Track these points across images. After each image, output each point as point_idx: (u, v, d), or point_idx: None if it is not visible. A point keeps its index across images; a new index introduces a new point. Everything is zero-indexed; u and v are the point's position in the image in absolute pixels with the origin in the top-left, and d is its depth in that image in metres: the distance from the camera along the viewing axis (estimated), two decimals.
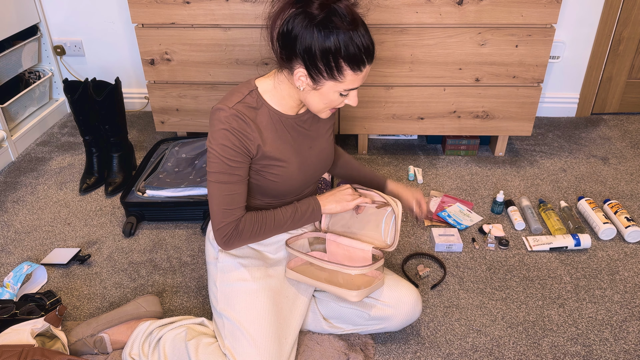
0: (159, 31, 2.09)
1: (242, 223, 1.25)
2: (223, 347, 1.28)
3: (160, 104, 2.26)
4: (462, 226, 1.88)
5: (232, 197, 1.23)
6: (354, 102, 1.22)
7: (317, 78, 1.15)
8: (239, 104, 1.21)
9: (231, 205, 1.23)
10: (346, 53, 1.11)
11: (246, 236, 1.27)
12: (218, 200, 1.23)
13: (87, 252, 1.81)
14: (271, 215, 1.29)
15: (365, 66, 1.15)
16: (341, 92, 1.18)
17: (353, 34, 1.10)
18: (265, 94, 1.25)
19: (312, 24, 1.10)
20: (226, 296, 1.32)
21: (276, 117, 1.26)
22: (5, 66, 2.36)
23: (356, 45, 1.11)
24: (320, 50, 1.11)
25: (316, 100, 1.21)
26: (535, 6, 1.96)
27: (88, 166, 2.15)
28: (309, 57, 1.12)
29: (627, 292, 1.61)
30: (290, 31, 1.13)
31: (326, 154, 1.39)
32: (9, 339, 1.30)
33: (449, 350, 1.43)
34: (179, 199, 1.90)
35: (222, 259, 1.35)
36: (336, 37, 1.10)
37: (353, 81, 1.16)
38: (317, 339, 1.44)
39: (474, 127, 2.24)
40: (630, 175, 2.18)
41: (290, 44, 1.14)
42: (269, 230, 1.29)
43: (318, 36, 1.10)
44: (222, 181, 1.22)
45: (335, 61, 1.12)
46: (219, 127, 1.19)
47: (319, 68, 1.13)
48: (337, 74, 1.14)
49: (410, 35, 2.03)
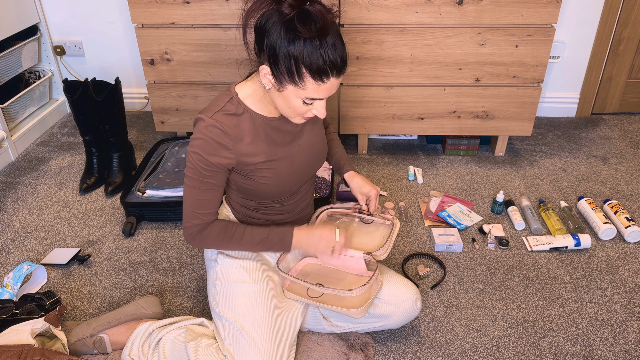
0: (159, 31, 2.09)
1: (207, 229, 1.26)
2: (223, 348, 1.28)
3: (160, 104, 2.26)
4: (462, 226, 1.88)
5: (202, 202, 1.24)
6: (321, 113, 1.18)
7: (279, 79, 1.12)
8: (218, 112, 1.19)
9: (200, 209, 1.24)
10: (309, 61, 1.06)
11: (209, 242, 1.28)
12: (188, 202, 1.24)
13: (87, 252, 1.81)
14: (240, 232, 1.28)
15: (329, 78, 1.09)
16: (304, 99, 1.13)
17: (321, 42, 1.05)
18: (246, 99, 1.23)
19: (279, 23, 1.06)
20: (225, 298, 1.32)
21: (259, 120, 1.24)
22: (5, 66, 2.36)
23: (320, 56, 1.06)
24: (283, 53, 1.07)
25: (281, 103, 1.17)
26: (535, 6, 1.96)
27: (88, 166, 2.15)
28: (273, 56, 1.09)
29: (627, 292, 1.61)
30: (263, 26, 1.10)
31: (317, 149, 1.36)
32: (9, 339, 1.30)
33: (449, 350, 1.43)
34: (179, 199, 1.90)
35: (222, 260, 1.35)
36: (301, 42, 1.05)
37: (315, 91, 1.11)
38: (317, 339, 1.44)
39: (474, 127, 2.23)
40: (630, 175, 2.18)
41: (260, 39, 1.12)
42: (235, 245, 1.29)
43: (284, 37, 1.06)
44: (194, 186, 1.22)
45: (297, 67, 1.07)
46: (197, 136, 1.20)
47: (281, 69, 1.09)
48: (297, 79, 1.09)
49: (410, 35, 2.03)
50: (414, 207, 2.01)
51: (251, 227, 1.30)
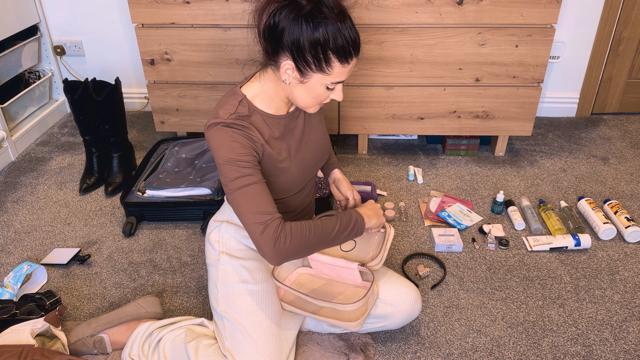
0: (159, 31, 2.09)
1: (287, 224, 1.15)
2: (223, 348, 1.28)
3: (160, 104, 2.26)
4: (462, 226, 1.88)
5: (260, 198, 1.14)
6: (340, 96, 1.22)
7: (304, 71, 1.14)
8: (232, 115, 1.19)
9: (261, 207, 1.13)
10: (334, 45, 1.10)
11: (296, 239, 1.14)
12: (247, 212, 1.13)
13: (87, 252, 1.81)
14: (314, 223, 1.19)
15: (352, 59, 1.15)
16: (328, 85, 1.17)
17: (341, 25, 1.11)
18: (254, 99, 1.24)
19: (300, 16, 1.09)
20: (227, 298, 1.32)
21: (269, 120, 1.25)
22: (5, 66, 2.36)
23: (344, 37, 1.11)
24: (309, 42, 1.10)
25: (303, 94, 1.20)
26: (535, 6, 1.96)
27: (88, 166, 2.15)
28: (297, 49, 1.11)
29: (627, 292, 1.61)
30: (277, 24, 1.12)
31: (322, 144, 1.38)
32: (9, 339, 1.30)
33: (449, 350, 1.43)
34: (179, 199, 1.90)
35: (224, 260, 1.35)
36: (325, 28, 1.09)
37: (340, 74, 1.15)
38: (317, 339, 1.44)
39: (474, 127, 2.23)
40: (630, 175, 2.18)
41: (276, 37, 1.13)
42: (318, 236, 1.17)
43: (307, 28, 1.09)
44: (244, 184, 1.14)
45: (324, 53, 1.11)
46: (219, 142, 1.17)
47: (307, 60, 1.12)
48: (325, 66, 1.13)
49: (410, 35, 2.03)
50: (414, 207, 2.01)
51: (319, 221, 1.20)
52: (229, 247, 1.36)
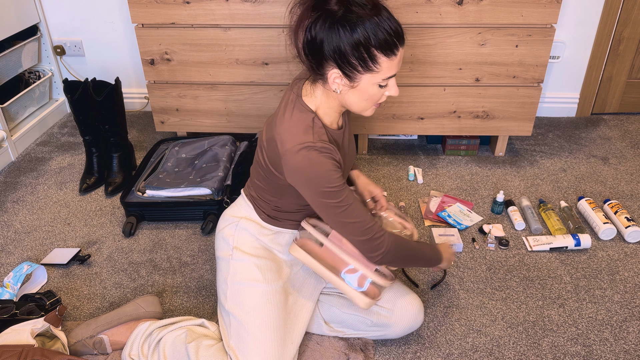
0: (159, 31, 2.09)
1: (386, 244, 1.21)
2: (227, 346, 1.28)
3: (160, 104, 2.26)
4: (462, 226, 1.88)
5: (364, 212, 1.19)
6: (395, 91, 1.19)
7: (352, 75, 1.13)
8: (315, 135, 1.17)
9: (368, 222, 1.19)
10: (376, 41, 1.08)
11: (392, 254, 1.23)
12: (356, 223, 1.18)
13: (87, 252, 1.81)
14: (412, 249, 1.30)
15: (398, 49, 1.12)
16: (380, 83, 1.15)
17: (379, 19, 1.08)
18: (318, 114, 1.23)
19: (334, 22, 1.08)
20: (236, 295, 1.31)
21: (334, 135, 1.25)
22: (5, 66, 2.36)
23: (384, 30, 1.08)
24: (350, 45, 1.08)
25: (356, 99, 1.18)
26: (535, 6, 1.96)
27: (88, 166, 2.15)
28: (340, 56, 1.10)
29: (627, 292, 1.61)
30: (315, 37, 1.11)
31: (353, 148, 1.39)
32: (9, 339, 1.30)
33: (449, 350, 1.43)
34: (179, 199, 1.90)
35: (237, 256, 1.34)
36: (362, 27, 1.07)
37: (389, 68, 1.13)
38: (317, 339, 1.44)
39: (474, 127, 2.23)
40: (630, 175, 2.18)
41: (317, 49, 1.12)
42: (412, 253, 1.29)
43: (344, 32, 1.08)
44: (346, 204, 1.17)
45: (368, 52, 1.09)
46: (315, 165, 1.14)
47: (352, 64, 1.11)
48: (371, 64, 1.11)
49: (410, 35, 2.03)
50: (414, 207, 2.01)
51: (415, 244, 1.31)
52: (244, 243, 1.35)
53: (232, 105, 2.24)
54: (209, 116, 2.28)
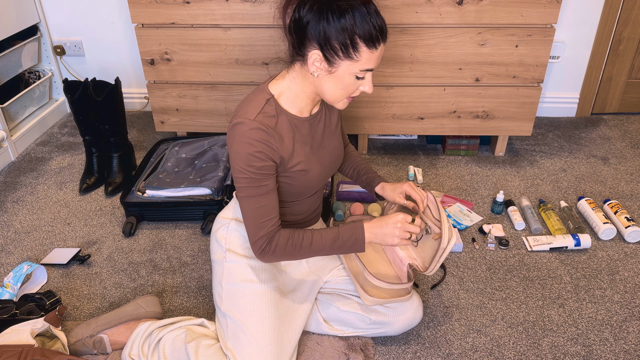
0: (159, 31, 2.09)
1: (274, 240, 1.22)
2: (225, 347, 1.28)
3: (160, 104, 2.26)
4: (462, 226, 1.88)
5: (263, 209, 1.21)
6: (370, 87, 1.20)
7: (332, 59, 1.14)
8: (259, 115, 1.18)
9: (263, 217, 1.21)
10: (362, 30, 1.10)
11: (279, 253, 1.23)
12: (249, 215, 1.21)
13: (87, 252, 1.81)
14: (308, 238, 1.24)
15: (379, 44, 1.14)
16: (357, 74, 1.16)
17: (367, 8, 1.11)
18: (280, 98, 1.23)
19: (322, 6, 1.10)
20: (231, 296, 1.31)
21: (294, 121, 1.24)
22: (5, 66, 2.36)
23: (371, 22, 1.11)
24: (336, 29, 1.10)
25: (331, 86, 1.18)
26: (535, 6, 1.96)
27: (88, 166, 2.15)
28: (324, 37, 1.12)
29: (627, 292, 1.61)
30: (303, 16, 1.13)
31: (338, 151, 1.38)
32: (9, 339, 1.30)
33: (449, 350, 1.43)
34: (179, 199, 1.90)
35: (230, 258, 1.35)
36: (350, 14, 1.09)
37: (369, 60, 1.14)
38: (317, 339, 1.44)
39: (474, 127, 2.23)
40: (630, 175, 2.18)
41: (302, 29, 1.13)
42: (306, 252, 1.24)
43: (332, 15, 1.10)
44: (251, 195, 1.20)
45: (351, 38, 1.11)
46: (242, 141, 1.17)
47: (334, 47, 1.12)
48: (352, 51, 1.12)
49: (410, 35, 2.03)
50: None
51: (318, 231, 1.25)
52: (236, 245, 1.36)
53: (232, 105, 2.24)
54: (209, 116, 2.28)
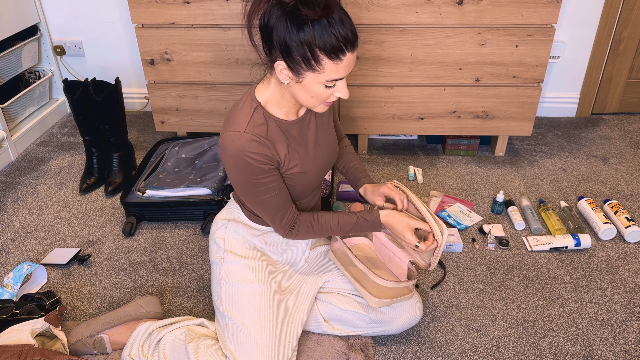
0: (159, 31, 2.09)
1: (296, 227, 1.29)
2: (224, 348, 1.28)
3: (160, 104, 2.26)
4: (462, 226, 1.88)
5: (277, 206, 1.25)
6: (344, 94, 1.16)
7: (296, 70, 1.10)
8: (249, 125, 1.17)
9: (279, 212, 1.26)
10: (322, 43, 1.05)
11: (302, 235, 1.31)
12: (267, 213, 1.26)
13: (87, 252, 1.81)
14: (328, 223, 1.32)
15: (344, 54, 1.08)
16: (325, 83, 1.12)
17: (328, 20, 1.04)
18: (267, 105, 1.22)
19: (284, 15, 1.05)
20: (230, 297, 1.31)
21: (283, 126, 1.24)
22: (5, 66, 2.36)
23: (332, 34, 1.05)
24: (295, 42, 1.06)
25: (303, 94, 1.16)
26: (535, 6, 1.96)
27: (88, 166, 2.15)
28: (285, 49, 1.08)
29: (627, 292, 1.61)
30: (267, 23, 1.09)
31: (332, 147, 1.37)
32: (9, 339, 1.30)
33: (449, 350, 1.43)
34: (179, 199, 1.90)
35: (229, 259, 1.35)
36: (310, 26, 1.04)
37: (334, 71, 1.09)
38: (317, 339, 1.44)
39: (474, 127, 2.23)
40: (630, 175, 2.18)
41: (268, 37, 1.10)
42: (328, 232, 1.33)
43: (291, 26, 1.05)
44: (262, 197, 1.23)
45: (311, 52, 1.06)
46: (237, 156, 1.16)
47: (296, 59, 1.08)
48: (315, 64, 1.08)
49: (410, 35, 2.03)
50: None
51: (337, 216, 1.33)
52: (234, 246, 1.36)
53: (232, 105, 2.24)
54: (209, 116, 2.28)
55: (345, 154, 1.51)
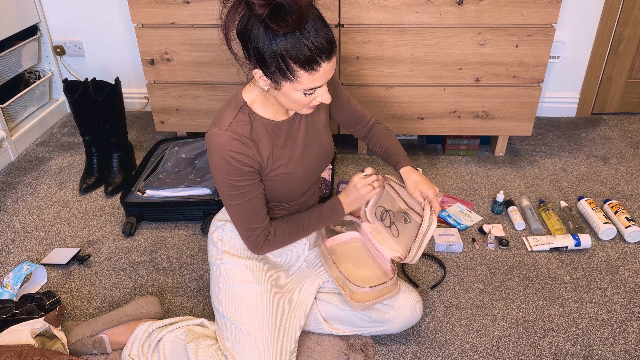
0: (159, 31, 2.09)
1: (272, 235, 1.29)
2: (224, 348, 1.28)
3: (160, 104, 2.26)
4: (462, 226, 1.88)
5: (251, 213, 1.24)
6: (325, 99, 1.15)
7: (273, 78, 1.10)
8: (232, 124, 1.18)
9: (253, 221, 1.25)
10: (295, 55, 1.04)
11: (277, 245, 1.31)
12: (239, 220, 1.25)
13: (87, 252, 1.81)
14: (299, 223, 1.33)
15: (319, 65, 1.06)
16: (303, 91, 1.11)
17: (301, 32, 1.02)
18: (253, 105, 1.22)
19: (257, 24, 1.04)
20: (229, 297, 1.31)
21: (270, 126, 1.24)
22: (5, 66, 2.36)
23: (305, 45, 1.03)
24: (268, 53, 1.05)
25: (284, 100, 1.16)
26: (535, 6, 1.96)
27: (88, 166, 2.15)
28: (260, 58, 1.07)
29: (627, 292, 1.61)
30: (243, 31, 1.08)
31: (325, 149, 1.36)
32: (8, 339, 1.30)
33: (449, 350, 1.43)
34: (179, 199, 1.90)
35: (227, 260, 1.35)
36: (282, 38, 1.02)
37: (311, 80, 1.09)
38: (317, 339, 1.44)
39: (474, 127, 2.23)
40: (630, 175, 2.18)
41: (245, 44, 1.10)
42: (300, 236, 1.34)
43: (264, 37, 1.04)
44: (236, 202, 1.22)
45: (285, 63, 1.05)
46: (218, 154, 1.17)
47: (272, 70, 1.08)
48: (290, 75, 1.07)
49: (410, 35, 2.03)
50: None
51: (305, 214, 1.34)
52: (232, 246, 1.36)
53: None
54: (209, 116, 2.28)
55: (382, 137, 1.45)
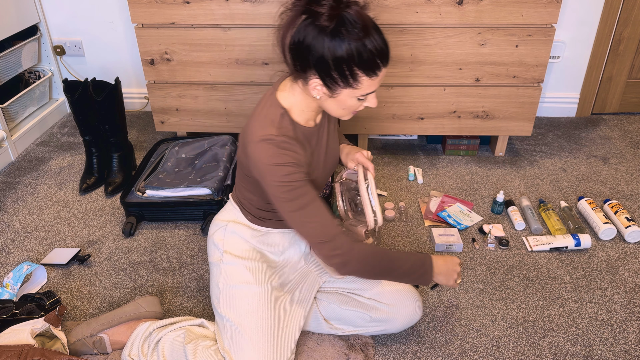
0: (159, 31, 2.09)
1: (356, 251, 1.20)
2: (222, 349, 1.28)
3: (160, 104, 2.26)
4: (462, 226, 1.88)
5: (322, 215, 1.18)
6: (373, 103, 1.21)
7: (332, 87, 1.14)
8: (281, 128, 1.18)
9: (325, 234, 1.18)
10: (360, 60, 1.09)
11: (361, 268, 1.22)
12: (311, 227, 1.18)
13: (87, 252, 1.81)
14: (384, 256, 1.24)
15: (380, 70, 1.13)
16: (359, 97, 1.16)
17: (367, 37, 1.08)
18: (291, 111, 1.23)
19: (322, 35, 1.08)
20: (229, 298, 1.31)
21: (306, 133, 1.25)
22: (5, 66, 2.36)
23: (369, 51, 1.09)
24: (333, 60, 1.09)
25: (334, 107, 1.20)
26: (535, 6, 1.96)
27: (88, 166, 2.15)
28: (323, 68, 1.11)
29: (627, 292, 1.61)
30: (302, 42, 1.11)
31: (337, 154, 1.39)
32: (8, 339, 1.30)
33: (449, 350, 1.43)
34: (179, 199, 1.90)
35: (227, 260, 1.35)
36: (348, 45, 1.07)
37: (370, 86, 1.14)
38: (317, 339, 1.44)
39: (474, 127, 2.23)
40: (630, 175, 2.18)
41: (302, 55, 1.12)
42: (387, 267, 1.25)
43: (330, 46, 1.08)
44: (302, 205, 1.17)
45: (350, 69, 1.10)
46: (274, 155, 1.15)
47: (334, 77, 1.11)
48: (352, 81, 1.12)
49: (410, 35, 2.03)
50: (414, 207, 2.01)
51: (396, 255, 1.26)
52: (233, 247, 1.36)
53: (232, 105, 2.24)
54: (209, 116, 2.28)
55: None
